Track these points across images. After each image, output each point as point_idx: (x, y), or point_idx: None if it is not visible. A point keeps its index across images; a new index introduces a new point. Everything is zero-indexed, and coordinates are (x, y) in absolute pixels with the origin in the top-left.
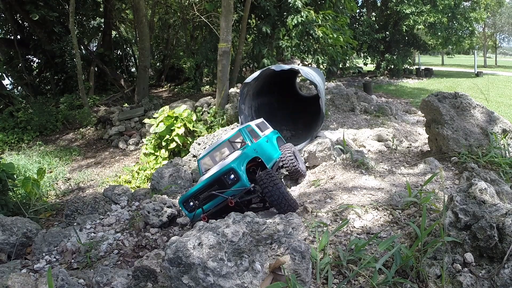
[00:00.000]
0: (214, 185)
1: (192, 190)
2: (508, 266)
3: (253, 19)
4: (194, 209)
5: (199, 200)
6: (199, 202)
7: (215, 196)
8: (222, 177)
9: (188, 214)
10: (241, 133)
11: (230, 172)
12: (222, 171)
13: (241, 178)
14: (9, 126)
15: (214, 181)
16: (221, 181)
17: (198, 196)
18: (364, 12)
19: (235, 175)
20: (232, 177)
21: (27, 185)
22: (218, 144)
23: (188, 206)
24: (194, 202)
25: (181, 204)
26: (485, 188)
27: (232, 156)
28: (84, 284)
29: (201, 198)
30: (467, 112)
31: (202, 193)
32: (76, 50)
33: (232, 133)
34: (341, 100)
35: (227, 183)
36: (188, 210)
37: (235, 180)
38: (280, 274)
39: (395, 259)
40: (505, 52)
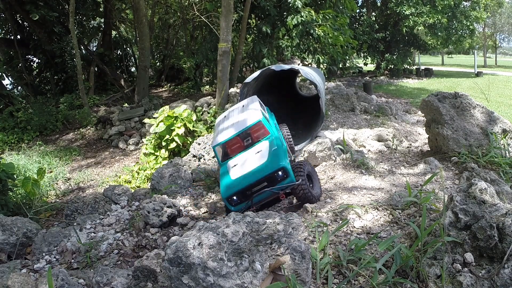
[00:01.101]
0: (263, 181)
1: (240, 187)
2: (508, 266)
3: (253, 19)
4: (239, 203)
5: (246, 195)
6: (246, 197)
7: (260, 194)
8: (273, 175)
9: (231, 208)
10: (262, 123)
11: (281, 170)
12: (274, 169)
13: (290, 175)
14: (9, 126)
15: (264, 179)
16: (271, 178)
17: (245, 192)
18: (364, 12)
19: (285, 173)
20: (281, 174)
21: (27, 185)
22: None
23: (232, 201)
24: (240, 197)
25: (225, 200)
26: (485, 188)
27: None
28: (84, 284)
29: (249, 194)
30: (467, 112)
31: (250, 189)
32: (76, 50)
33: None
34: (341, 100)
35: (277, 180)
36: (233, 204)
37: (284, 177)
38: (280, 274)
39: (395, 259)
40: (505, 52)
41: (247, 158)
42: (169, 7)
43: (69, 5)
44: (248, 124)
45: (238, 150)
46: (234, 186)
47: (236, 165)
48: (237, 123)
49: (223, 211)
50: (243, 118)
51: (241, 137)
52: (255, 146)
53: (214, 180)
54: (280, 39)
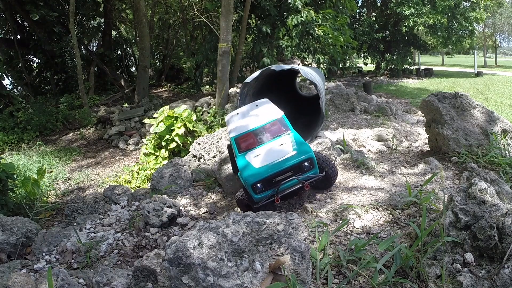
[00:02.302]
0: (290, 170)
1: (266, 174)
2: (508, 266)
3: (253, 19)
4: (262, 192)
5: (271, 184)
6: (271, 185)
7: (291, 180)
8: (301, 164)
9: (255, 197)
10: (285, 119)
11: (308, 160)
12: (302, 158)
13: (315, 166)
14: (9, 126)
15: (292, 168)
16: (298, 167)
17: (271, 180)
18: (364, 12)
19: (311, 163)
20: (308, 164)
21: (27, 185)
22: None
23: (257, 188)
24: (264, 185)
25: (250, 186)
26: (485, 188)
27: (288, 141)
28: (84, 284)
29: (275, 182)
30: (467, 112)
31: (276, 177)
32: (76, 50)
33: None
34: (341, 100)
35: (303, 170)
36: (257, 192)
37: (310, 168)
38: (280, 274)
39: (395, 259)
40: (505, 52)
41: (271, 149)
42: (169, 7)
43: (69, 5)
44: (272, 118)
45: (257, 142)
46: (259, 174)
47: (258, 155)
48: (256, 116)
49: (223, 211)
50: (264, 112)
51: (263, 130)
52: (277, 139)
53: (214, 180)
54: (280, 39)
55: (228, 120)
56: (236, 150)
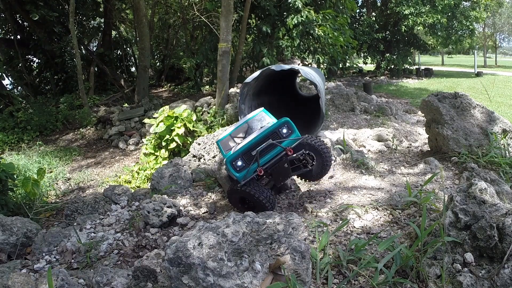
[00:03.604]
0: (266, 140)
1: (243, 147)
2: (508, 266)
3: (253, 19)
4: (244, 168)
5: (251, 157)
6: (252, 158)
7: (272, 149)
8: (277, 131)
9: (236, 175)
10: (264, 113)
11: (285, 125)
12: (277, 124)
13: (295, 130)
14: (9, 126)
15: (267, 136)
16: (275, 135)
17: (249, 153)
18: (364, 12)
19: (289, 128)
20: (285, 131)
21: (27, 185)
22: (238, 126)
23: (236, 166)
24: (244, 161)
25: (229, 163)
26: (485, 188)
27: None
28: (84, 284)
29: (255, 154)
30: (467, 112)
31: (253, 149)
32: (76, 50)
33: (253, 114)
34: (341, 100)
35: (282, 137)
36: (237, 170)
37: (289, 133)
38: (280, 274)
39: (395, 259)
40: (505, 52)
41: (250, 135)
42: (169, 7)
43: (69, 5)
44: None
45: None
46: (237, 150)
47: (239, 143)
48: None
49: (223, 211)
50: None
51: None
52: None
53: (214, 180)
54: (280, 39)
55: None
56: (221, 151)
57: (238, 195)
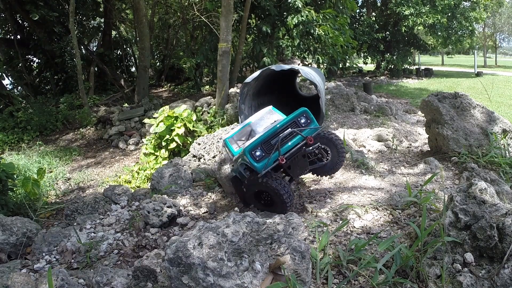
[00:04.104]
0: (285, 130)
1: (261, 137)
2: (508, 266)
3: (253, 19)
4: (263, 158)
5: (271, 147)
6: (271, 148)
7: (291, 138)
8: (296, 120)
9: (255, 165)
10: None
11: (303, 114)
12: (295, 113)
13: (313, 120)
14: (9, 126)
15: (286, 125)
16: (293, 124)
17: (268, 142)
18: (364, 12)
19: (308, 118)
20: (304, 121)
21: (27, 185)
22: (246, 124)
23: (255, 155)
24: (263, 150)
25: (248, 153)
26: (485, 188)
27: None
28: (84, 284)
29: (274, 143)
30: (467, 112)
31: (273, 138)
32: (76, 50)
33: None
34: (341, 100)
35: (300, 126)
36: (256, 159)
37: (308, 123)
38: (280, 274)
39: (395, 259)
40: (505, 52)
41: (264, 129)
42: (169, 7)
43: (69, 5)
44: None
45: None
46: (256, 139)
47: (253, 137)
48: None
49: (223, 211)
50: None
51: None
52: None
53: (214, 180)
54: (280, 39)
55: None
56: (230, 148)
57: (256, 188)
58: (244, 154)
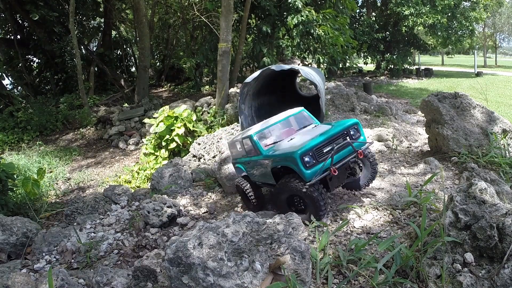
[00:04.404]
0: (337, 139)
1: (313, 143)
2: (508, 266)
3: (253, 19)
4: (313, 165)
5: (322, 154)
6: (322, 156)
7: (343, 148)
8: (348, 131)
9: (304, 172)
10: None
11: (354, 126)
12: (348, 124)
13: (362, 133)
14: (9, 126)
15: (339, 135)
16: (345, 135)
17: (321, 149)
18: (364, 12)
19: (358, 130)
20: (353, 133)
21: (27, 185)
22: (277, 122)
23: (305, 161)
24: (313, 157)
25: (298, 158)
26: (485, 188)
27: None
28: (84, 284)
29: (327, 152)
30: (467, 112)
31: (326, 146)
32: (76, 50)
33: (292, 112)
34: (341, 100)
35: (351, 137)
36: (307, 166)
37: (357, 136)
38: (280, 274)
39: (395, 259)
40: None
41: (304, 132)
42: (169, 7)
43: (69, 5)
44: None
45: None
46: (306, 145)
47: (292, 139)
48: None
49: (223, 211)
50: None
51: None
52: (305, 128)
53: (214, 180)
54: (280, 39)
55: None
56: (259, 146)
57: (290, 193)
58: (292, 158)
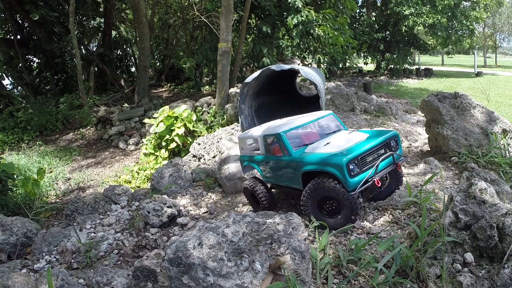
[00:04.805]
0: (381, 149)
1: (360, 151)
2: (508, 266)
3: (253, 19)
4: (357, 174)
5: (365, 163)
6: (365, 165)
7: (384, 159)
8: (389, 141)
9: (349, 181)
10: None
11: (395, 138)
12: (390, 135)
13: (400, 146)
14: (9, 126)
15: (382, 145)
16: (387, 145)
17: (365, 158)
18: (364, 12)
19: (397, 142)
20: (394, 143)
21: (27, 185)
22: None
23: (350, 169)
24: (357, 166)
25: (345, 165)
26: (485, 188)
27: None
28: (84, 284)
29: (370, 161)
30: (467, 112)
31: (369, 155)
32: (76, 50)
33: (321, 115)
34: (341, 100)
35: (391, 148)
36: (352, 175)
37: (396, 148)
38: (280, 274)
39: (395, 259)
40: (505, 52)
41: (340, 137)
42: (169, 7)
43: (69, 5)
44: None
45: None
46: (351, 151)
47: (328, 143)
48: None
49: (223, 211)
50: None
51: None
52: (338, 132)
53: (214, 180)
54: (280, 39)
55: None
56: (289, 146)
57: (323, 195)
58: (338, 164)
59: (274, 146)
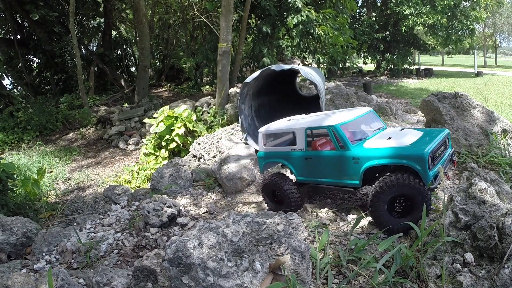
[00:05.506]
0: (442, 145)
1: (435, 144)
2: (508, 266)
3: (253, 19)
4: (431, 169)
5: (434, 158)
6: (435, 160)
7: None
8: (446, 139)
9: (428, 173)
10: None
11: (448, 137)
12: (447, 133)
13: (450, 144)
14: (9, 126)
15: (444, 142)
16: (445, 142)
17: (436, 152)
18: (364, 12)
19: (449, 140)
20: (448, 141)
21: (27, 185)
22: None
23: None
24: (433, 160)
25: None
26: (485, 188)
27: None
28: (84, 284)
29: (437, 156)
30: (467, 112)
31: (438, 150)
32: (76, 50)
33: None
34: (341, 100)
35: (446, 146)
36: (430, 168)
37: (448, 145)
38: (280, 274)
39: (395, 259)
40: (505, 52)
41: (395, 133)
42: (169, 7)
43: (69, 5)
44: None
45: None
46: (425, 146)
47: (390, 138)
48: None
49: (223, 211)
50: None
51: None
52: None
53: (214, 180)
54: (280, 39)
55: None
56: (347, 140)
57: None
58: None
59: (322, 140)
